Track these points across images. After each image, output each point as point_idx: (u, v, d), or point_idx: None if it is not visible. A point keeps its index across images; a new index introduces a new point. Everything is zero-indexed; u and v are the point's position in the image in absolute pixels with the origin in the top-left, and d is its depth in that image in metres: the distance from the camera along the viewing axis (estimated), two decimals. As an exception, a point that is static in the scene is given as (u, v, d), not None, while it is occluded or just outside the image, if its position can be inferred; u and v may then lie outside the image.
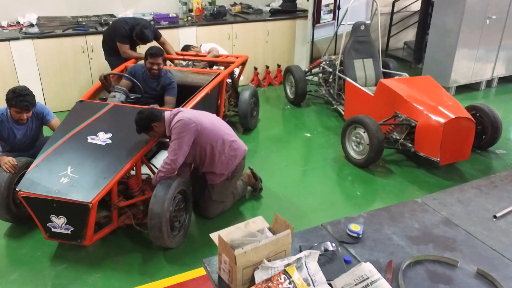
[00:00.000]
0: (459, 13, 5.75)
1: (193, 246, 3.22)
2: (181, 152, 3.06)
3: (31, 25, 5.53)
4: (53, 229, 2.95)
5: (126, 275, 2.94)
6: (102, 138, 3.29)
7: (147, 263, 3.04)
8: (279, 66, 6.57)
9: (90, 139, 3.29)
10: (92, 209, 2.83)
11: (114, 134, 3.32)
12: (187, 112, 3.12)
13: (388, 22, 8.04)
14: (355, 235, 2.04)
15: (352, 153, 4.38)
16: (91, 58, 5.44)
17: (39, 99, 3.86)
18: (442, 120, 3.91)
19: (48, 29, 5.37)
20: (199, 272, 2.95)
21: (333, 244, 1.94)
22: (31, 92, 3.39)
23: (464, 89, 6.36)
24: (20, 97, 3.30)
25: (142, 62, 4.29)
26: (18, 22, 5.58)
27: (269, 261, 1.72)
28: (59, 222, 2.92)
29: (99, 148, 3.21)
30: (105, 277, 2.92)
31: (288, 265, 1.73)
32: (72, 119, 3.54)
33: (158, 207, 2.93)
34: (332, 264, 1.86)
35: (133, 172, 3.26)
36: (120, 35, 4.73)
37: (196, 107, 3.73)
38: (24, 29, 5.36)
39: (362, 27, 5.32)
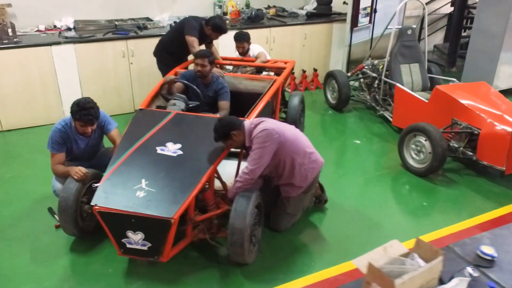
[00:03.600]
0: (504, 16, 5.65)
1: (269, 261, 3.09)
2: (261, 162, 2.95)
3: (69, 29, 5.39)
4: (128, 245, 2.82)
5: (207, 293, 2.81)
6: (172, 149, 3.16)
7: (226, 280, 2.91)
8: (315, 70, 6.46)
9: (159, 150, 3.15)
10: (173, 225, 2.71)
11: (184, 145, 3.19)
12: (270, 123, 3.01)
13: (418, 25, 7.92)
14: (489, 257, 1.92)
15: (411, 161, 4.26)
16: (131, 63, 5.31)
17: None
18: (509, 129, 3.80)
19: (87, 33, 5.23)
20: (283, 289, 2.84)
21: (473, 269, 1.82)
22: (95, 104, 3.26)
23: (504, 94, 6.23)
24: (84, 111, 3.17)
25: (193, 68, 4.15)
26: (55, 26, 5.43)
27: (423, 290, 1.61)
28: (135, 238, 2.79)
29: (171, 159, 3.08)
30: (185, 295, 2.79)
31: (442, 294, 1.62)
32: (135, 128, 3.41)
33: (240, 222, 2.81)
34: (478, 291, 1.74)
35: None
36: (189, 27, 4.49)
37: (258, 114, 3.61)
38: (62, 33, 5.23)
39: (409, 31, 5.21)
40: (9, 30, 4.84)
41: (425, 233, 3.36)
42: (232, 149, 3.27)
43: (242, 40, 5.00)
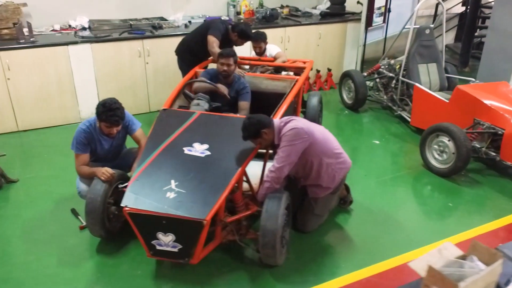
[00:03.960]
0: (521, 16, 5.61)
1: (297, 262, 3.06)
2: (288, 161, 2.91)
3: (83, 29, 5.36)
4: (157, 247, 2.79)
5: (239, 295, 2.78)
6: (199, 149, 3.13)
7: (257, 282, 2.88)
8: (329, 70, 6.43)
9: (187, 151, 3.11)
10: (205, 226, 2.67)
11: (211, 145, 3.15)
12: (300, 122, 2.97)
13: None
14: (541, 260, 1.89)
15: (433, 162, 4.23)
16: (147, 63, 5.27)
17: (95, 104, 3.61)
18: (534, 129, 3.78)
19: (102, 32, 5.20)
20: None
21: (527, 272, 1.79)
22: (121, 105, 3.24)
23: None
24: (110, 112, 3.14)
25: (214, 67, 4.11)
26: (70, 25, 5.39)
27: (483, 294, 1.57)
28: (166, 240, 2.75)
29: (199, 160, 3.04)
30: (217, 298, 2.76)
31: (502, 298, 1.58)
32: (161, 128, 3.37)
33: (272, 223, 2.78)
34: (534, 295, 1.71)
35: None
36: (214, 28, 4.41)
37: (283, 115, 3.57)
38: (77, 32, 5.19)
39: (427, 31, 5.19)
40: (25, 30, 4.81)
41: (452, 235, 3.34)
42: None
43: (259, 40, 4.95)
